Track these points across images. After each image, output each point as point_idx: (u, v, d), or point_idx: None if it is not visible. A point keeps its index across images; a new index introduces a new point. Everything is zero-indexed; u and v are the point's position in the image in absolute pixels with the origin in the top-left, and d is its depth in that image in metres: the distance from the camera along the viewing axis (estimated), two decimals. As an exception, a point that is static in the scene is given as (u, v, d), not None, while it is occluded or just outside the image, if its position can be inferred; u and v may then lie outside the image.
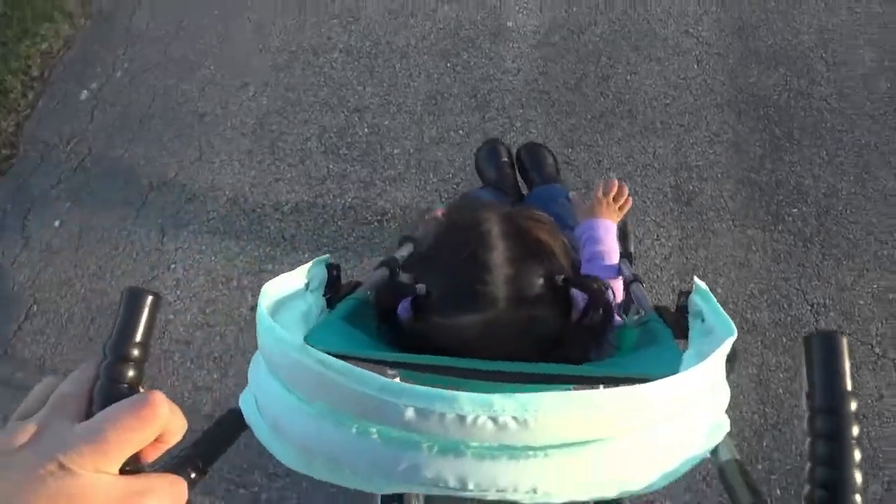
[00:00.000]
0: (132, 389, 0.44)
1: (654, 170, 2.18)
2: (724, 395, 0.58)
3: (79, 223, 2.25)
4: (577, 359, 0.77)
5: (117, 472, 0.39)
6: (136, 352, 0.45)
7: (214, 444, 0.57)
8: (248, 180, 2.28)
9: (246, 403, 0.59)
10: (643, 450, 0.51)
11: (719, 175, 2.15)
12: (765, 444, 1.74)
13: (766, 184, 2.13)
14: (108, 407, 0.41)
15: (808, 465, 0.47)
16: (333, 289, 0.84)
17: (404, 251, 0.98)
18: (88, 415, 0.41)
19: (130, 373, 0.45)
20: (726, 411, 0.58)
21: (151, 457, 0.43)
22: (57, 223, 2.26)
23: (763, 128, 2.24)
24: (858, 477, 0.45)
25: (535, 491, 0.49)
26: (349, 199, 2.21)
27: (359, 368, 0.50)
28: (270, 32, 2.60)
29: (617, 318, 0.86)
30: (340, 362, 0.51)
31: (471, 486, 0.49)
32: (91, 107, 2.51)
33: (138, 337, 0.46)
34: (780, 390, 1.80)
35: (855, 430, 0.45)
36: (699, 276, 0.81)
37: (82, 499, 0.36)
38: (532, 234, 0.81)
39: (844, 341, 0.47)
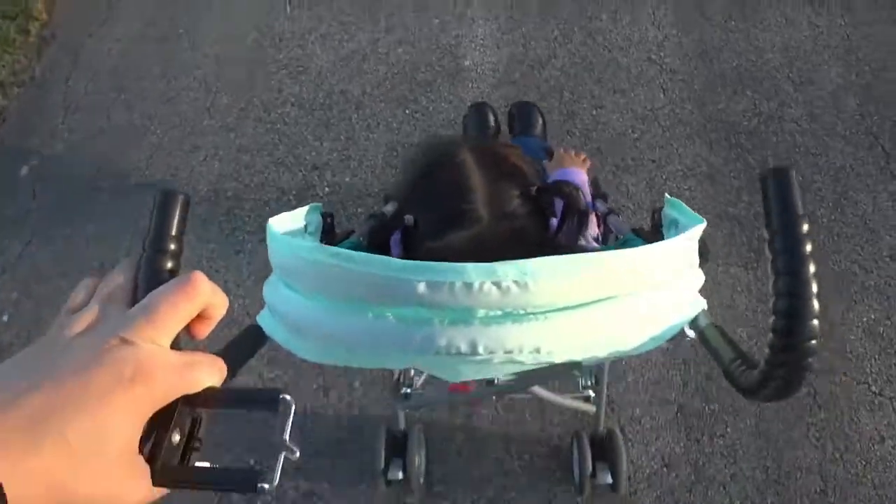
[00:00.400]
0: (172, 276, 0.48)
1: (628, 210, 2.11)
2: (699, 277, 0.65)
3: (28, 316, 2.11)
4: None
5: (169, 346, 0.42)
6: (172, 245, 0.50)
7: (238, 353, 0.62)
8: (206, 254, 2.15)
9: (264, 319, 0.65)
10: (633, 314, 0.58)
11: (696, 211, 2.07)
12: (769, 501, 1.68)
13: (744, 217, 2.07)
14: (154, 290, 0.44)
15: (771, 290, 0.53)
16: (328, 236, 0.88)
17: (389, 207, 1.01)
18: (136, 302, 0.44)
19: (169, 263, 0.49)
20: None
21: (203, 333, 0.46)
22: (5, 317, 2.11)
23: (736, 157, 2.18)
24: (814, 287, 0.51)
25: (538, 351, 0.55)
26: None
27: (371, 254, 0.54)
28: (217, 89, 2.47)
29: (595, 245, 0.96)
30: (354, 252, 0.55)
31: (480, 350, 0.55)
32: (32, 183, 2.36)
33: (173, 231, 0.50)
34: (780, 441, 1.73)
35: (808, 247, 0.51)
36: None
37: (147, 364, 0.38)
38: (503, 157, 0.88)
39: (793, 174, 0.54)
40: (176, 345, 0.43)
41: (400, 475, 1.59)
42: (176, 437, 0.41)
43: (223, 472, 0.41)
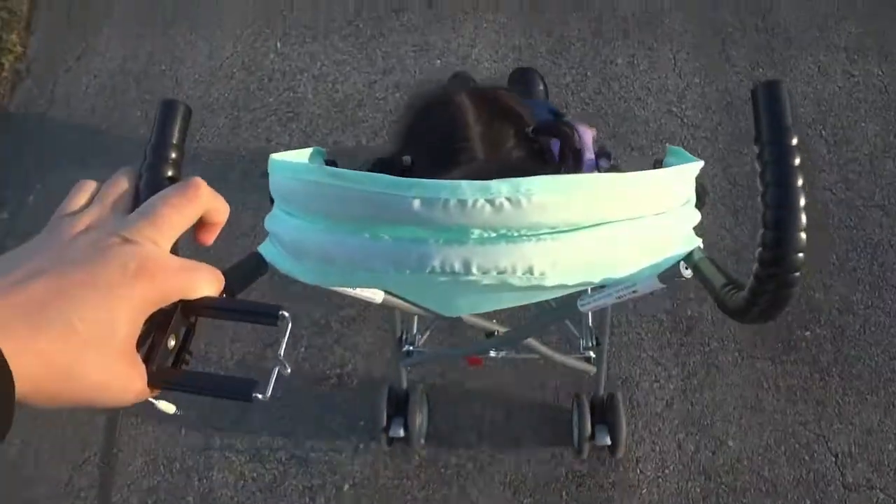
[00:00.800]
0: (173, 182, 0.48)
1: (645, 290, 1.93)
2: (696, 214, 0.66)
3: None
4: None
5: (169, 250, 0.41)
6: (173, 153, 0.51)
7: (238, 277, 0.64)
8: (186, 328, 1.99)
9: (264, 247, 0.67)
10: (627, 239, 0.58)
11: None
12: None
13: (772, 301, 1.89)
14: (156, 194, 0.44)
15: (759, 201, 0.53)
16: None
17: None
18: (136, 207, 0.43)
19: (170, 171, 0.50)
20: None
21: (209, 240, 0.47)
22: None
23: (763, 229, 1.99)
24: (802, 200, 0.51)
25: (531, 272, 0.56)
26: (301, 351, 1.93)
27: (368, 173, 0.55)
28: (202, 136, 2.28)
29: None
30: (352, 171, 0.56)
31: (474, 269, 0.56)
32: (3, 238, 2.19)
33: (175, 139, 0.51)
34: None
35: (797, 160, 0.51)
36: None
37: (150, 262, 0.38)
38: (499, 99, 0.88)
39: (784, 86, 0.53)
40: (175, 251, 0.43)
41: (401, 433, 1.64)
42: (171, 343, 0.41)
43: (219, 378, 0.41)
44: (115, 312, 0.36)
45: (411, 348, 1.56)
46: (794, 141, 0.52)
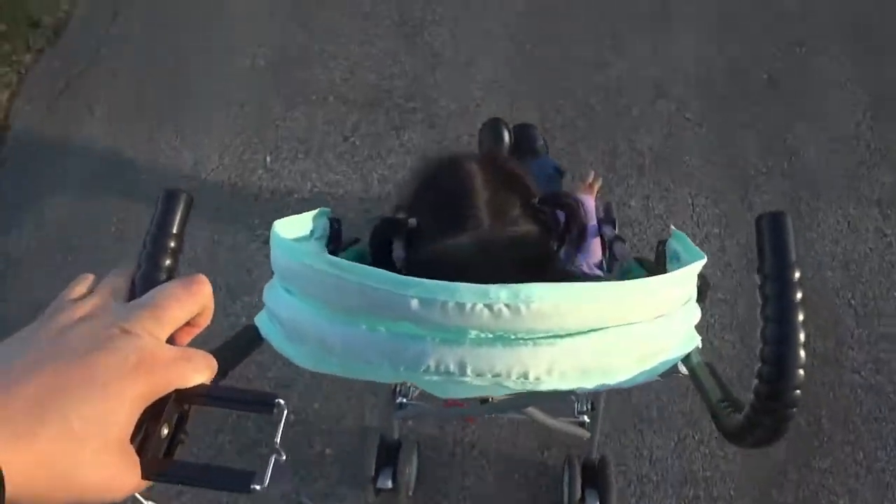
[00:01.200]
0: (170, 276, 0.50)
1: (651, 484, 1.74)
2: (696, 312, 0.66)
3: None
4: None
5: (165, 341, 0.41)
6: (173, 243, 0.51)
7: (232, 354, 0.64)
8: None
9: (261, 320, 0.68)
10: (625, 345, 0.59)
11: (732, 492, 1.72)
12: None
13: (793, 504, 1.71)
14: (155, 287, 0.45)
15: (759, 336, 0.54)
16: (335, 242, 0.86)
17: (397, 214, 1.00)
18: (133, 297, 0.45)
19: (168, 261, 0.50)
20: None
21: (184, 341, 0.46)
22: None
23: (784, 417, 1.81)
24: (802, 336, 0.52)
25: (525, 377, 0.56)
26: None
27: (369, 267, 0.56)
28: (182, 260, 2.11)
29: (597, 271, 0.97)
30: (352, 263, 0.57)
31: (469, 371, 0.56)
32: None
33: (175, 229, 0.52)
34: None
35: (798, 295, 0.52)
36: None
37: (149, 355, 0.39)
38: (507, 168, 0.87)
39: (788, 219, 0.55)
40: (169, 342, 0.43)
41: (389, 484, 1.60)
42: (164, 431, 0.40)
43: (214, 470, 0.40)
44: (113, 409, 0.36)
45: (405, 400, 1.51)
46: (797, 276, 0.52)
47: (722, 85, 2.37)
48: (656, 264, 0.83)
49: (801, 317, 0.52)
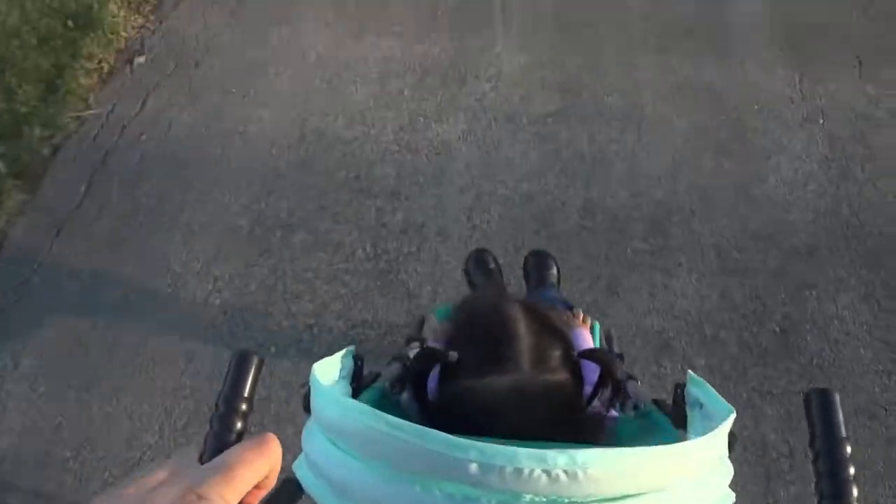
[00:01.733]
0: (240, 437, 0.51)
1: None
2: (729, 468, 0.63)
3: None
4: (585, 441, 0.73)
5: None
6: (244, 406, 0.53)
7: None
8: None
9: (301, 469, 0.63)
10: None
11: None
12: None
13: None
14: (227, 449, 0.47)
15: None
16: (357, 380, 0.84)
17: (394, 370, 0.94)
18: (203, 455, 0.47)
19: (239, 423, 0.52)
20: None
21: (254, 502, 0.47)
22: None
23: None
24: None
25: None
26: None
27: (426, 428, 0.54)
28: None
29: (613, 412, 0.97)
30: (409, 423, 0.55)
31: None
32: None
33: (246, 392, 0.54)
34: None
35: (851, 471, 0.53)
36: None
37: None
38: (546, 315, 0.89)
39: (836, 396, 0.56)
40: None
41: None
42: None
43: None
44: None
45: None
46: (848, 451, 0.54)
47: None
48: (675, 408, 0.80)
49: (854, 493, 0.53)
